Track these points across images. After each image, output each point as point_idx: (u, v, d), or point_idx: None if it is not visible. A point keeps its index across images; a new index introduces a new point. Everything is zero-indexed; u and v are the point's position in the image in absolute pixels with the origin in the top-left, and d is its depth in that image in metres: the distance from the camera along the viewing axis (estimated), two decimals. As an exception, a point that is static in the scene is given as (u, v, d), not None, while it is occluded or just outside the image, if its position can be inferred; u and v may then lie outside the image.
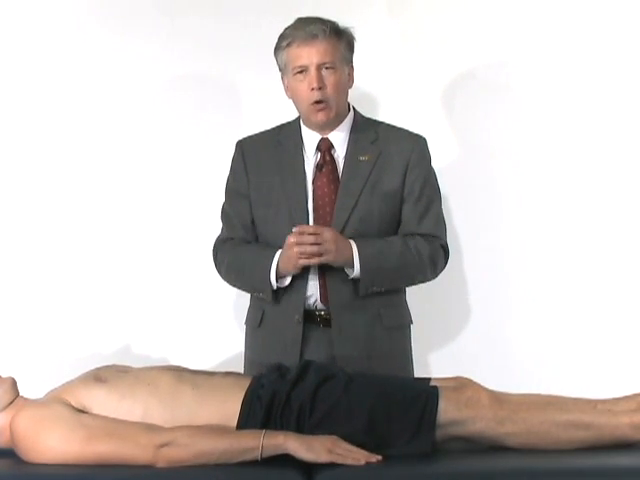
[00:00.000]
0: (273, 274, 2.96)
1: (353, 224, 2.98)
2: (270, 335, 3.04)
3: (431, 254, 3.01)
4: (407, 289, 3.13)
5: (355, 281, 2.96)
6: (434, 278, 3.09)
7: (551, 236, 3.66)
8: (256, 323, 3.08)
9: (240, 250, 3.06)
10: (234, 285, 3.13)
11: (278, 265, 2.95)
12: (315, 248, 2.86)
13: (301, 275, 2.97)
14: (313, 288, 2.99)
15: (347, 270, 2.95)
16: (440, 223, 3.08)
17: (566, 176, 3.66)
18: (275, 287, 2.97)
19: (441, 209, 3.10)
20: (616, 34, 3.63)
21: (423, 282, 3.09)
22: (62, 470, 2.42)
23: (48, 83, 3.63)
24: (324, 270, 2.97)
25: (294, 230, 2.88)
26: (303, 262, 2.89)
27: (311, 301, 3.00)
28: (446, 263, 3.09)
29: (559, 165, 3.66)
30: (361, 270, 2.93)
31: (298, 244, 2.86)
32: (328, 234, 2.88)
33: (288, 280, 2.97)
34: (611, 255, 3.65)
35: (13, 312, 3.61)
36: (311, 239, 2.86)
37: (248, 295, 3.14)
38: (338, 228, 2.96)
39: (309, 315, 2.99)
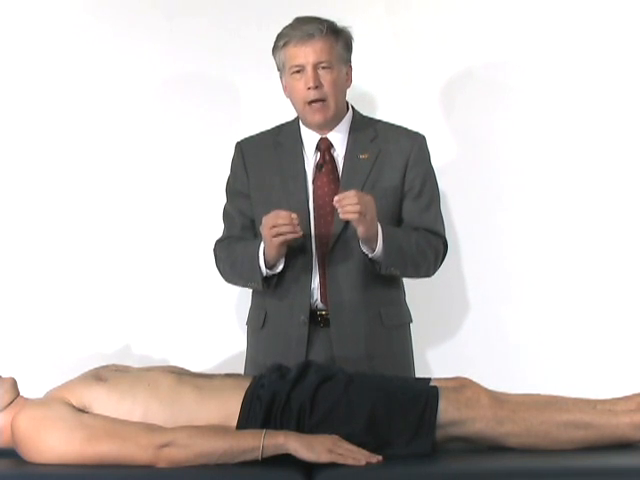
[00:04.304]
0: (261, 258, 2.93)
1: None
2: (274, 336, 3.04)
3: (436, 246, 3.03)
4: (406, 288, 3.13)
5: (366, 268, 2.95)
6: (433, 273, 3.08)
7: (551, 235, 3.66)
8: (259, 324, 3.07)
9: (234, 245, 3.06)
10: (231, 281, 3.11)
11: (265, 252, 2.92)
12: (357, 207, 2.81)
13: (305, 275, 2.98)
14: (314, 288, 3.00)
15: (366, 249, 2.92)
16: (440, 220, 3.09)
17: (565, 174, 3.66)
18: (265, 273, 2.95)
19: (440, 207, 3.11)
20: (615, 33, 3.64)
21: (424, 275, 3.07)
22: (62, 470, 2.42)
23: (47, 83, 3.62)
24: (324, 269, 2.98)
25: (336, 198, 2.83)
26: (281, 239, 2.83)
27: (312, 301, 3.00)
28: (444, 260, 3.10)
29: (558, 163, 3.66)
30: (384, 246, 2.89)
31: (341, 205, 2.82)
32: (369, 198, 2.85)
33: (280, 267, 2.95)
34: (611, 254, 3.65)
35: (13, 312, 3.61)
36: (354, 200, 2.82)
37: (250, 295, 3.15)
38: (339, 227, 2.97)
39: (311, 315, 2.99)
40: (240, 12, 3.62)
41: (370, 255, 2.93)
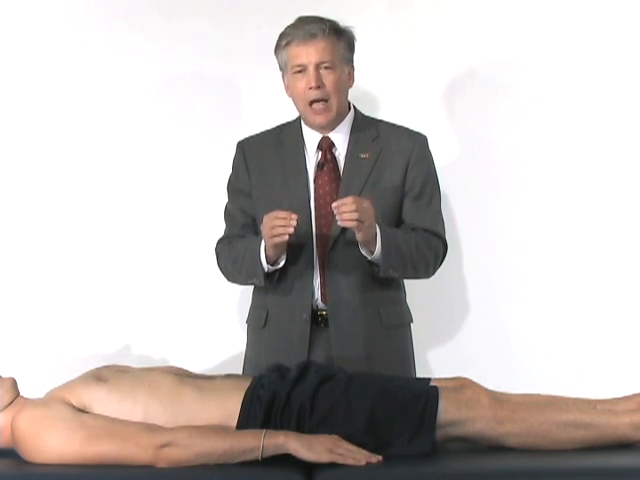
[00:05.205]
0: (262, 254, 2.93)
1: (355, 221, 2.97)
2: (276, 335, 3.03)
3: (436, 247, 3.03)
4: (407, 288, 3.13)
5: (366, 268, 2.95)
6: (433, 274, 3.08)
7: (552, 236, 3.66)
8: (260, 323, 3.07)
9: (235, 242, 3.06)
10: (233, 278, 3.10)
11: (265, 249, 2.92)
12: (355, 215, 2.81)
13: (307, 273, 2.98)
14: (315, 287, 3.00)
15: (365, 251, 2.92)
16: (440, 220, 3.09)
17: (567, 174, 3.66)
18: (266, 269, 2.94)
19: (440, 207, 3.10)
20: (617, 33, 3.63)
21: (423, 276, 3.06)
22: (62, 470, 2.42)
23: (48, 84, 3.63)
24: (324, 269, 2.98)
25: (334, 204, 2.84)
26: (276, 240, 2.84)
27: (313, 300, 3.00)
28: (443, 260, 3.09)
29: (560, 163, 3.66)
30: (383, 249, 2.89)
31: (340, 212, 2.82)
32: (367, 204, 2.85)
33: (281, 263, 2.95)
34: (612, 254, 3.65)
35: (13, 312, 3.61)
36: (352, 207, 2.82)
37: (250, 295, 3.15)
38: (340, 226, 2.96)
39: (312, 315, 2.99)
40: (240, 12, 3.62)
41: (369, 258, 2.93)
